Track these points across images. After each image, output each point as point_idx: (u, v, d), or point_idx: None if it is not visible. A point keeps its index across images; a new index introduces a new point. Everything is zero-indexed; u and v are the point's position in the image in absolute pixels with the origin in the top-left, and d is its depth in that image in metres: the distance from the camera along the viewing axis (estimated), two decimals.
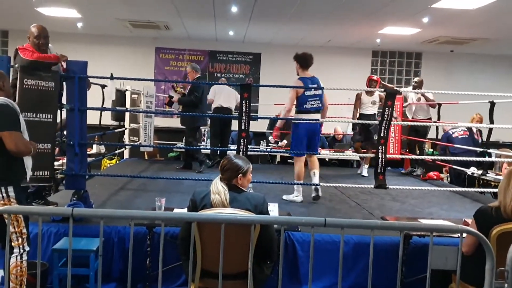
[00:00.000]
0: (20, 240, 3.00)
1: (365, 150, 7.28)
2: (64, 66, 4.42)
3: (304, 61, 5.19)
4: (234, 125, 6.39)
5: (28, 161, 3.13)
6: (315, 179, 5.26)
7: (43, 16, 8.59)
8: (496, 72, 11.47)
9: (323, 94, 5.24)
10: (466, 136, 7.40)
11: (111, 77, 4.93)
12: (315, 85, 5.17)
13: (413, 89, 7.61)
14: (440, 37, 9.30)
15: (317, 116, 5.21)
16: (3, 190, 2.95)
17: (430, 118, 7.60)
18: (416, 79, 7.92)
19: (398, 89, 5.91)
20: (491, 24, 8.04)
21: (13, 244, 2.96)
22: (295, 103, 5.18)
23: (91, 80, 4.72)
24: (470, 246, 2.84)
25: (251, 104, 4.91)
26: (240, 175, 2.85)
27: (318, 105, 5.18)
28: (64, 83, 4.42)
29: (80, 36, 10.44)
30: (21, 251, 3.01)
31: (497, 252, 2.58)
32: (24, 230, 3.03)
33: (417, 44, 10.28)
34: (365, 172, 7.44)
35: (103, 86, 5.48)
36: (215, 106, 7.61)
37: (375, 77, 7.38)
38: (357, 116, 7.23)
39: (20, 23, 9.62)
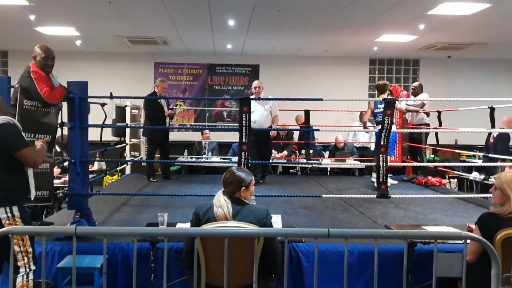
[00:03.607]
0: (26, 259, 3.01)
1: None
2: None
3: (377, 88, 6.92)
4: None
5: (31, 179, 3.16)
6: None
7: (42, 35, 8.66)
8: (495, 76, 11.51)
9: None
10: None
11: (111, 96, 4.94)
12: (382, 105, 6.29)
13: (412, 94, 7.61)
14: (437, 43, 9.35)
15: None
16: (8, 210, 2.96)
17: (427, 124, 7.60)
18: (413, 84, 7.90)
19: (396, 98, 5.93)
20: (487, 29, 8.08)
21: (19, 263, 2.97)
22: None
23: (91, 100, 4.72)
24: (474, 254, 2.83)
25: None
26: (243, 187, 2.85)
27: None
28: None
29: (79, 54, 10.51)
30: (27, 270, 3.02)
31: (502, 257, 2.58)
32: (30, 249, 3.04)
33: (414, 51, 10.33)
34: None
35: (103, 105, 5.51)
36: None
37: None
38: None
39: (20, 43, 9.72)
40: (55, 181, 5.30)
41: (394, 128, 6.43)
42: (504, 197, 2.91)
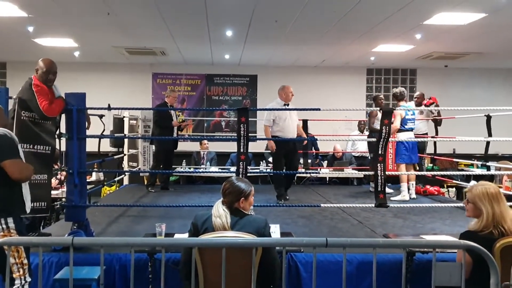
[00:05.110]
0: (21, 271, 2.98)
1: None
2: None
3: (398, 96, 6.96)
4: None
5: (26, 191, 3.14)
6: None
7: (41, 46, 8.69)
8: (491, 85, 11.55)
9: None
10: None
11: (109, 108, 4.94)
12: (412, 111, 6.78)
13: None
14: (434, 52, 9.40)
15: (412, 134, 6.84)
16: (2, 221, 2.94)
17: (426, 133, 7.61)
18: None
19: (393, 107, 5.95)
20: (483, 38, 8.13)
21: (14, 275, 2.95)
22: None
23: (89, 112, 4.70)
24: (466, 266, 2.73)
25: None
26: (242, 198, 2.84)
27: (413, 125, 6.83)
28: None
29: (77, 65, 10.53)
30: (23, 282, 2.99)
31: (501, 266, 2.57)
32: (25, 261, 3.01)
33: (411, 61, 10.37)
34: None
35: (101, 116, 5.51)
36: None
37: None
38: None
39: (18, 54, 9.75)
40: (53, 192, 5.28)
41: (412, 135, 6.78)
42: (477, 211, 2.91)
